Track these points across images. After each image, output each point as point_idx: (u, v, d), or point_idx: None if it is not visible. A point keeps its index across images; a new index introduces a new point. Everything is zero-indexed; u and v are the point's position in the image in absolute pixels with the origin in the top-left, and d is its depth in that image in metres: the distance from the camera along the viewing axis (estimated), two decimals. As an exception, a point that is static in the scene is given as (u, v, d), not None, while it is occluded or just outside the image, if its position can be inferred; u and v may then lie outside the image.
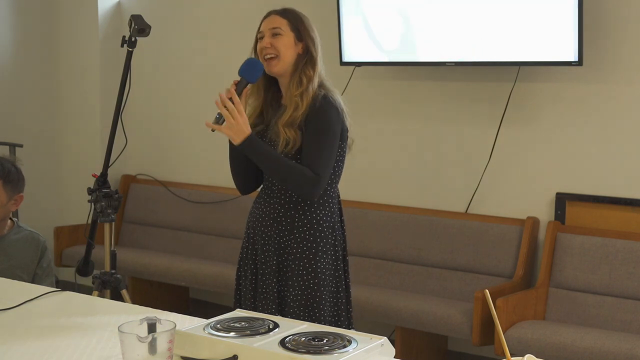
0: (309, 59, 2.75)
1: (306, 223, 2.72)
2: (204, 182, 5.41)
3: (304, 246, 2.72)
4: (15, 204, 3.16)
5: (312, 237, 2.72)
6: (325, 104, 2.69)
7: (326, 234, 2.75)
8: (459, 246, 4.29)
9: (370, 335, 1.71)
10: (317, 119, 2.67)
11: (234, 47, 5.23)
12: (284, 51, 2.73)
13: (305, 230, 2.72)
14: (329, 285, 2.75)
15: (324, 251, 2.74)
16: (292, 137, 2.65)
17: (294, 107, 2.68)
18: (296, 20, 2.77)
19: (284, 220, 2.73)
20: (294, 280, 2.72)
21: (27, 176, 5.46)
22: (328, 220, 2.76)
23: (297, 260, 2.72)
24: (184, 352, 1.67)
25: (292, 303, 2.72)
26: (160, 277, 4.99)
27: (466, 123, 4.39)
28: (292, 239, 2.73)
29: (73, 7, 5.71)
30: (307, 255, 2.72)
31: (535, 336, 3.61)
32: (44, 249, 3.20)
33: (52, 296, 2.28)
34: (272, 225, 2.75)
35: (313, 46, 2.76)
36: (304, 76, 2.72)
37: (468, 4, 4.10)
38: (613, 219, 3.97)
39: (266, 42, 2.74)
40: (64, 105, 5.85)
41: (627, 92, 3.93)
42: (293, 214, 2.73)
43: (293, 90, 2.71)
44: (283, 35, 2.74)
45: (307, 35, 2.76)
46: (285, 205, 2.74)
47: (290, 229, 2.72)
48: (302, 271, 2.72)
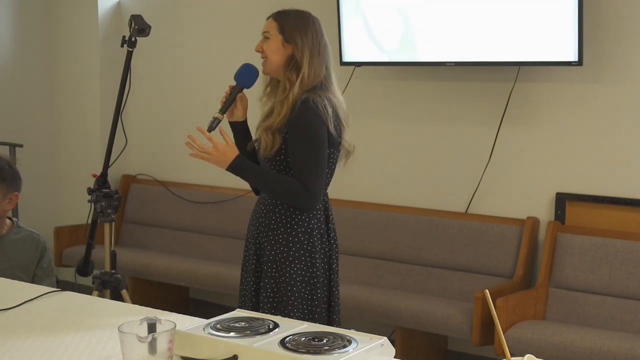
0: (294, 64, 2.75)
1: (280, 226, 2.72)
2: (204, 182, 5.41)
3: (277, 249, 2.72)
4: (11, 202, 3.15)
5: (284, 240, 2.71)
6: (303, 109, 2.65)
7: (300, 239, 2.72)
8: (459, 246, 4.29)
9: (370, 335, 1.71)
10: (295, 125, 2.66)
11: (234, 47, 5.23)
12: (270, 55, 2.78)
13: (279, 234, 2.72)
14: (299, 291, 2.71)
15: (296, 257, 2.71)
16: (269, 142, 2.68)
17: (277, 111, 2.71)
18: (284, 23, 2.78)
19: (263, 221, 2.75)
20: (266, 282, 2.74)
21: (27, 176, 5.47)
22: (304, 225, 2.72)
23: (270, 262, 2.73)
24: (184, 352, 1.67)
25: (262, 305, 2.74)
26: (160, 277, 4.99)
27: (466, 123, 4.39)
28: (267, 240, 2.74)
29: (73, 7, 5.71)
30: (279, 259, 2.71)
31: (535, 336, 3.61)
32: (43, 249, 3.19)
33: (52, 296, 2.28)
34: (254, 225, 2.80)
35: (297, 50, 2.74)
36: (287, 81, 2.74)
37: (468, 4, 4.10)
38: (613, 219, 3.97)
39: (258, 46, 2.83)
40: (64, 105, 5.85)
41: (626, 92, 3.93)
42: (271, 216, 2.74)
43: (279, 94, 2.75)
44: (270, 39, 2.79)
45: (291, 39, 2.76)
46: (269, 206, 2.76)
47: (266, 231, 2.74)
48: (275, 273, 2.72)
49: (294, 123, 2.65)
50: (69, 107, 5.83)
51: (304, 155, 2.65)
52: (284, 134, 2.68)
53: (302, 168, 2.65)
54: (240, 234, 5.09)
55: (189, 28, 5.44)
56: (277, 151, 2.68)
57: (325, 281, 2.79)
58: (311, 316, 2.74)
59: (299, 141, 2.65)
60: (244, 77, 2.77)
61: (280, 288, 2.71)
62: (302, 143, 2.65)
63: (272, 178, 2.68)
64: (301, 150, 2.65)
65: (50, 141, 5.88)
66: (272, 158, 2.70)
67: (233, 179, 5.64)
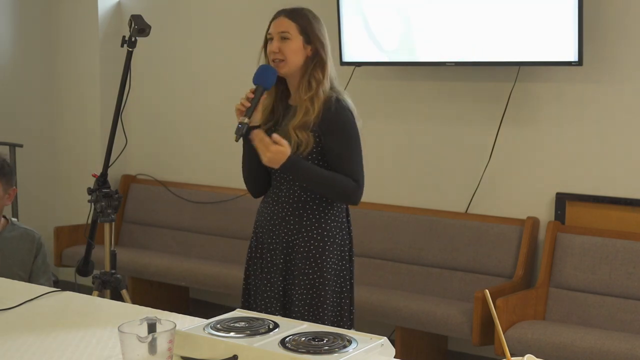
0: (318, 62, 2.74)
1: (314, 222, 2.74)
2: (204, 182, 5.41)
3: (311, 245, 2.73)
4: (10, 197, 3.16)
5: (319, 236, 2.73)
6: (340, 108, 2.71)
7: (333, 233, 2.76)
8: (459, 246, 4.29)
9: (370, 335, 1.71)
10: (336, 125, 2.70)
11: (234, 46, 5.24)
12: (290, 56, 2.73)
13: (313, 230, 2.73)
14: (333, 285, 2.76)
15: (330, 250, 2.75)
16: (305, 140, 2.67)
17: (304, 111, 2.69)
18: (305, 23, 2.76)
19: (292, 219, 2.74)
20: (300, 279, 2.73)
21: (27, 176, 5.50)
22: (335, 219, 2.78)
23: (304, 259, 2.73)
24: (184, 352, 1.67)
25: (297, 302, 2.73)
26: (160, 277, 4.99)
27: (466, 123, 4.39)
28: (300, 237, 2.73)
29: (73, 7, 5.71)
30: (314, 255, 2.73)
31: (535, 336, 3.61)
32: (39, 245, 3.19)
33: (52, 296, 2.28)
34: (280, 225, 2.76)
35: (322, 49, 2.75)
36: (313, 80, 2.72)
37: (468, 4, 4.10)
38: (613, 219, 3.97)
39: (275, 47, 2.74)
40: (64, 105, 5.85)
41: (627, 92, 3.93)
42: (301, 212, 2.74)
43: (302, 93, 2.72)
44: (291, 39, 2.74)
45: (315, 39, 2.75)
46: (294, 204, 2.75)
47: (299, 228, 2.73)
48: (308, 270, 2.73)
49: (334, 122, 2.70)
50: (69, 107, 5.83)
51: (350, 152, 2.72)
52: (317, 131, 2.69)
53: (352, 164, 2.72)
54: (241, 233, 5.11)
55: (189, 28, 5.44)
56: (311, 149, 2.69)
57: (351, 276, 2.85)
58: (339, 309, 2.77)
59: (343, 139, 2.71)
60: (264, 78, 2.70)
61: (315, 284, 2.73)
62: (346, 141, 2.72)
63: (326, 176, 2.69)
64: (346, 147, 2.71)
65: (50, 141, 5.88)
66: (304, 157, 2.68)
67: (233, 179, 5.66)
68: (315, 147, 2.70)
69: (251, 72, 5.68)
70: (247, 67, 5.39)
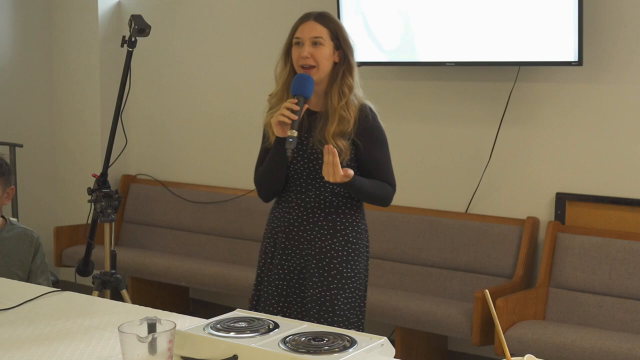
0: (347, 68, 2.73)
1: (348, 226, 2.76)
2: (204, 182, 5.41)
3: (349, 248, 2.75)
4: (8, 197, 3.16)
5: (354, 238, 2.77)
6: (374, 116, 2.77)
7: (363, 235, 2.82)
8: (459, 246, 4.29)
9: (370, 335, 1.71)
10: (374, 133, 2.75)
11: (234, 46, 5.24)
12: (323, 62, 2.70)
13: (347, 234, 2.76)
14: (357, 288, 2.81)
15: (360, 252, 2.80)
16: (344, 149, 2.67)
17: (339, 118, 2.68)
18: (335, 28, 2.74)
19: (325, 224, 2.75)
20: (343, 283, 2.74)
21: (27, 176, 5.51)
22: (363, 221, 2.84)
23: (343, 263, 2.74)
24: (184, 352, 1.67)
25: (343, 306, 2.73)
26: (160, 277, 4.99)
27: (466, 123, 4.39)
28: (336, 241, 2.75)
29: (73, 7, 5.71)
30: (353, 257, 2.76)
31: (535, 336, 3.61)
32: (37, 245, 3.19)
33: (52, 296, 2.28)
34: (312, 230, 2.75)
35: (351, 55, 2.74)
36: (345, 86, 2.71)
37: (468, 4, 4.10)
38: (613, 219, 3.97)
39: (307, 52, 2.70)
40: (64, 105, 5.85)
41: (627, 92, 3.93)
42: (335, 217, 2.75)
43: (335, 101, 2.70)
44: (324, 45, 2.71)
45: (345, 44, 2.74)
46: (326, 209, 2.75)
47: (334, 233, 2.75)
48: (349, 273, 2.75)
49: (373, 131, 2.75)
50: (69, 107, 5.83)
51: (386, 158, 2.80)
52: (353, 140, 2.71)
53: (389, 170, 2.80)
54: (240, 233, 5.12)
55: (189, 28, 5.44)
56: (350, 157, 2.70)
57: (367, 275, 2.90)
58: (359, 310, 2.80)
59: (381, 147, 2.78)
60: (304, 87, 2.65)
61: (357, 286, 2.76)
62: (382, 148, 2.79)
63: (375, 186, 2.75)
64: (383, 154, 2.78)
65: (50, 141, 5.89)
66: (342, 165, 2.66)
67: (233, 179, 5.65)
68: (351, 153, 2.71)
69: (251, 72, 5.71)
70: (247, 67, 5.42)
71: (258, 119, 5.19)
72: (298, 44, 2.72)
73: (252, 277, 4.59)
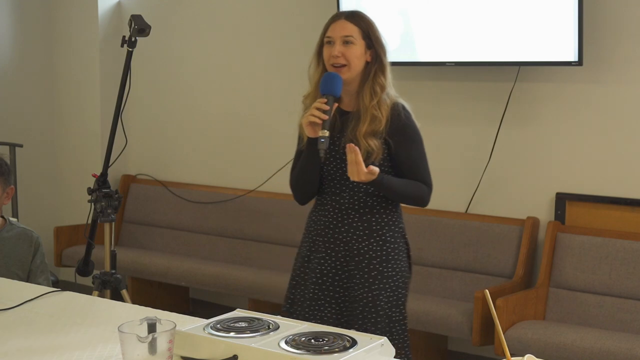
0: (379, 67, 2.71)
1: (384, 226, 2.75)
2: (204, 182, 5.41)
3: (387, 248, 2.75)
4: (8, 197, 3.15)
5: (392, 238, 2.76)
6: (407, 114, 2.75)
7: (402, 234, 2.82)
8: (459, 246, 4.29)
9: (370, 335, 1.71)
10: (408, 133, 2.72)
11: (234, 46, 5.24)
12: (354, 61, 2.68)
13: (383, 234, 2.74)
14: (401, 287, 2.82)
15: (402, 250, 2.81)
16: (376, 148, 2.65)
17: (371, 118, 2.66)
18: (367, 27, 2.71)
19: (360, 224, 2.73)
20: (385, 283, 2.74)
21: (27, 176, 5.50)
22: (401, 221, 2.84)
23: (383, 263, 2.74)
24: (184, 352, 1.67)
25: (384, 305, 2.73)
26: (160, 277, 4.99)
27: (466, 123, 4.39)
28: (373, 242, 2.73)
29: (73, 7, 5.71)
30: (393, 257, 2.76)
31: (535, 336, 3.61)
32: (37, 245, 3.19)
33: (52, 296, 2.28)
34: (348, 232, 2.74)
35: (383, 54, 2.72)
36: (377, 85, 2.69)
37: (468, 4, 4.10)
38: (613, 219, 3.97)
39: (337, 51, 2.67)
40: (64, 105, 5.85)
41: (627, 92, 3.93)
42: (369, 217, 2.73)
43: (367, 100, 2.68)
44: (355, 44, 2.68)
45: (377, 43, 2.72)
46: (360, 210, 2.73)
47: (369, 233, 2.73)
48: (390, 272, 2.75)
49: (406, 130, 2.72)
50: (69, 107, 5.83)
51: (421, 158, 2.77)
52: (385, 139, 2.68)
53: (424, 170, 2.77)
54: (240, 233, 5.12)
55: (189, 28, 5.44)
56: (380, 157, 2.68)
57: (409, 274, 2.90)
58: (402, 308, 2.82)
59: (416, 146, 2.75)
60: (332, 87, 2.63)
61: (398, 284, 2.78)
62: (416, 147, 2.75)
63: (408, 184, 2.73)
64: (417, 153, 2.75)
65: (50, 141, 5.89)
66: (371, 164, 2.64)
67: (233, 179, 5.63)
68: (383, 153, 2.68)
69: (251, 72, 5.71)
70: (247, 67, 5.42)
71: (258, 119, 5.21)
72: (329, 43, 2.70)
73: (252, 277, 4.64)
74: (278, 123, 5.07)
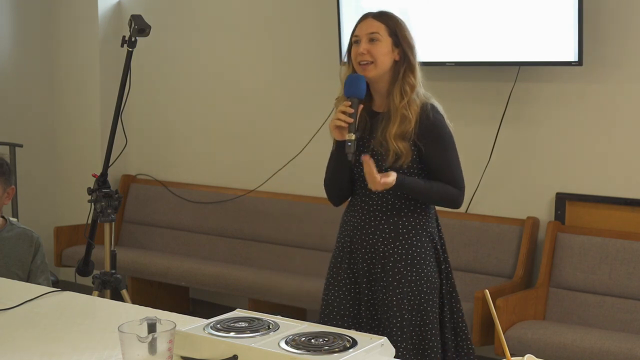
0: (408, 67, 2.68)
1: (411, 229, 2.70)
2: (204, 182, 5.41)
3: (413, 252, 2.70)
4: (8, 197, 3.16)
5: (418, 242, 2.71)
6: (437, 115, 2.69)
7: (431, 237, 2.75)
8: (459, 246, 4.29)
9: (370, 335, 1.71)
10: (437, 133, 2.67)
11: (234, 46, 5.24)
12: (380, 58, 2.66)
13: (410, 237, 2.70)
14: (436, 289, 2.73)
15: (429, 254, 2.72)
16: (405, 150, 2.62)
17: (401, 118, 2.63)
18: (394, 25, 2.69)
19: (386, 227, 2.70)
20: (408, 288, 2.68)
21: (27, 176, 5.50)
22: (431, 224, 2.76)
23: (408, 267, 2.69)
24: (184, 352, 1.67)
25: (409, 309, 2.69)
26: (160, 277, 4.99)
27: (466, 123, 4.38)
28: (399, 245, 2.69)
29: (73, 7, 5.71)
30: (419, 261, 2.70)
31: (535, 336, 3.61)
32: (37, 245, 3.19)
33: (52, 296, 2.28)
34: (374, 234, 2.71)
35: (411, 53, 2.69)
36: (407, 85, 2.66)
37: (468, 4, 4.10)
38: (613, 219, 3.97)
39: (363, 48, 2.66)
40: (64, 105, 5.85)
41: (627, 92, 3.93)
42: (397, 220, 2.70)
43: (397, 100, 2.65)
44: (381, 41, 2.66)
45: (404, 41, 2.69)
46: (387, 212, 2.71)
47: (395, 236, 2.70)
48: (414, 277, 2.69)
49: (433, 130, 2.67)
50: (69, 107, 5.83)
51: (451, 160, 2.71)
52: (414, 140, 2.64)
53: (454, 172, 2.71)
54: (240, 233, 5.12)
55: (189, 28, 5.44)
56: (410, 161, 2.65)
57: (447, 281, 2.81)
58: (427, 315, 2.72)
59: (445, 148, 2.69)
60: (356, 88, 2.61)
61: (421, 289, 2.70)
62: (446, 148, 2.70)
63: (431, 188, 2.68)
64: (446, 155, 2.70)
65: (50, 141, 5.89)
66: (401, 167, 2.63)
67: (233, 179, 5.62)
68: (412, 155, 2.65)
69: (251, 72, 5.70)
70: (247, 67, 5.41)
71: (258, 119, 5.21)
72: (356, 42, 2.70)
73: (252, 277, 4.64)
74: (278, 123, 5.08)
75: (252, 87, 5.17)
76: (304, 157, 4.77)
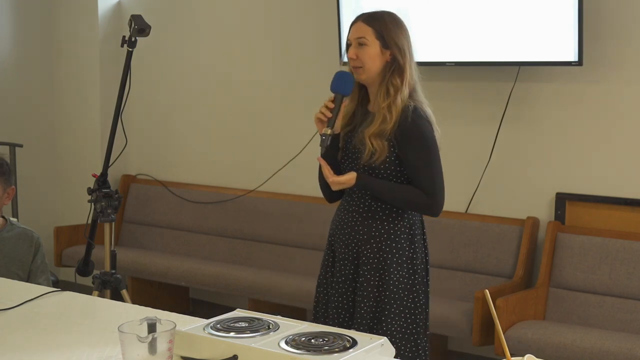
0: (396, 68, 2.68)
1: (383, 233, 2.69)
2: (204, 182, 5.41)
3: (380, 257, 2.69)
4: (8, 197, 3.16)
5: (387, 247, 2.68)
6: (417, 118, 2.65)
7: (403, 245, 2.70)
8: (459, 246, 4.29)
9: (370, 335, 1.71)
10: (412, 135, 2.64)
11: (234, 46, 5.24)
12: (368, 62, 2.67)
13: (381, 241, 2.69)
14: (401, 299, 2.70)
15: (399, 263, 2.69)
16: (379, 149, 2.62)
17: (382, 119, 2.64)
18: (381, 27, 2.68)
19: (361, 229, 2.71)
20: (368, 292, 2.69)
21: (27, 176, 5.50)
22: (405, 231, 2.72)
23: (372, 271, 2.69)
24: (184, 352, 1.67)
25: (362, 312, 2.69)
26: (160, 277, 4.99)
27: (466, 123, 4.39)
28: (369, 247, 2.69)
29: (73, 7, 5.71)
30: (382, 267, 2.68)
31: (535, 336, 3.61)
32: (37, 245, 3.19)
33: (52, 296, 2.28)
34: (350, 234, 2.73)
35: (400, 54, 2.68)
36: (391, 86, 2.66)
37: (468, 4, 4.10)
38: (613, 219, 3.97)
39: (352, 53, 2.68)
40: (64, 105, 5.85)
41: (627, 92, 3.93)
42: (370, 222, 2.70)
43: (380, 101, 2.66)
44: (368, 45, 2.67)
45: (392, 43, 2.68)
46: (363, 214, 2.71)
47: (367, 238, 2.70)
48: (373, 282, 2.69)
49: (409, 132, 2.64)
50: (69, 107, 5.83)
51: (426, 165, 2.68)
52: (392, 140, 2.64)
53: (427, 178, 2.67)
54: (240, 233, 5.12)
55: (189, 28, 5.44)
56: (384, 158, 2.64)
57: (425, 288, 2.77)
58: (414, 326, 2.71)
59: (419, 151, 2.66)
60: (342, 85, 2.63)
61: (381, 297, 2.69)
62: (421, 153, 2.67)
63: (396, 191, 2.66)
64: (422, 159, 2.67)
65: (50, 141, 5.88)
66: (377, 166, 2.64)
67: (233, 179, 5.62)
68: (389, 156, 2.65)
69: (251, 72, 5.70)
70: (247, 67, 5.41)
71: (258, 119, 5.21)
72: (349, 45, 2.72)
73: (252, 277, 4.64)
74: (278, 123, 5.08)
75: (252, 87, 5.17)
76: (304, 157, 4.76)
